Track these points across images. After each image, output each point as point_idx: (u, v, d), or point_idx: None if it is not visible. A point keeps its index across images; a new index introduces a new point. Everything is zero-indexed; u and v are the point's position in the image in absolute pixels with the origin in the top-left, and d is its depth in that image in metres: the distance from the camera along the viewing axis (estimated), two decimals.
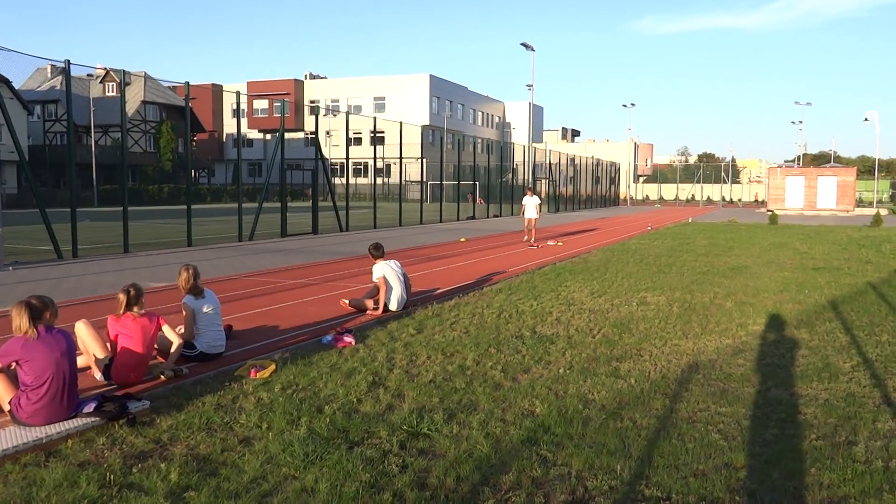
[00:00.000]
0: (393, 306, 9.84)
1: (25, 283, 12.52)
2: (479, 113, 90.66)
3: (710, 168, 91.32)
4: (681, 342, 8.07)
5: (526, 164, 48.86)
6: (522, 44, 49.84)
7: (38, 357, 4.98)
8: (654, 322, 9.22)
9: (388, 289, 9.79)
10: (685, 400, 5.89)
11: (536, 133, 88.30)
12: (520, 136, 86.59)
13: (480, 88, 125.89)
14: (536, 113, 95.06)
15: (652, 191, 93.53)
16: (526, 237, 23.01)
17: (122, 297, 6.26)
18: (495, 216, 40.97)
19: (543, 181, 54.89)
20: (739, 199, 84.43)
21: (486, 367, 6.91)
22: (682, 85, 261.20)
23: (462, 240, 23.54)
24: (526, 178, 48.84)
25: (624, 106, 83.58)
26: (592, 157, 64.53)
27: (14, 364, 5.00)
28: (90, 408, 5.09)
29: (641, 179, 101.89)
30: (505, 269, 15.23)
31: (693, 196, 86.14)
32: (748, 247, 21.01)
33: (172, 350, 6.49)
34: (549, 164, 52.56)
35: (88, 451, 4.71)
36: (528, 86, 52.66)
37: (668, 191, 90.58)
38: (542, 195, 54.97)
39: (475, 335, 8.30)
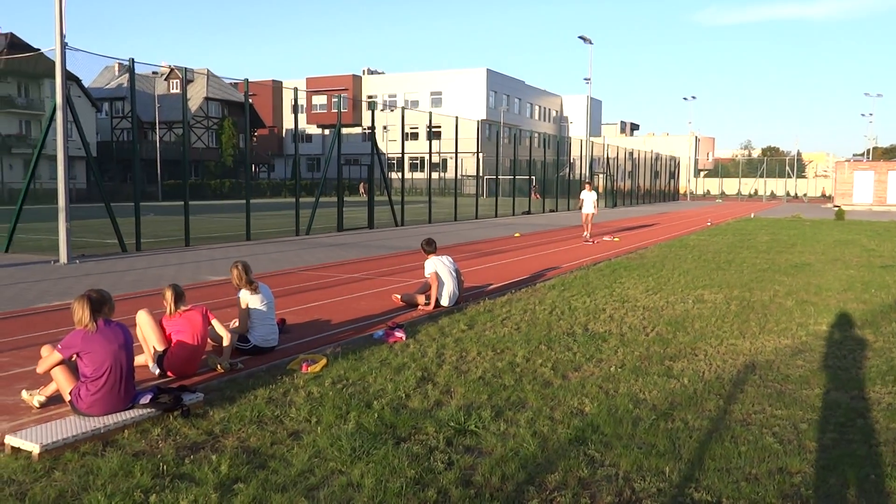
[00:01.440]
0: (444, 302, 9.86)
1: (90, 275, 12.96)
2: (537, 107, 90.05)
3: (775, 162, 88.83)
4: (737, 342, 7.87)
5: (583, 158, 48.33)
6: (580, 37, 49.29)
7: (97, 349, 5.13)
8: (710, 320, 9.01)
9: (440, 284, 9.81)
10: (740, 401, 5.74)
11: (594, 127, 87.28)
12: (577, 131, 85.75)
13: (538, 82, 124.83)
14: (594, 107, 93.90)
15: (713, 185, 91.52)
16: (585, 233, 22.60)
17: (171, 296, 6.51)
18: (551, 211, 40.67)
19: (601, 176, 54.24)
20: (805, 195, 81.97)
21: (536, 364, 6.86)
22: (746, 77, 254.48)
23: (516, 235, 23.43)
24: (583, 172, 48.32)
25: (684, 99, 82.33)
26: (651, 152, 63.46)
27: (75, 356, 5.17)
28: (146, 399, 5.23)
29: (702, 174, 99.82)
30: (559, 264, 15.11)
31: (756, 191, 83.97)
32: (812, 243, 20.38)
33: (225, 344, 6.64)
34: (607, 158, 51.89)
35: (143, 441, 4.85)
36: (585, 79, 52.03)
37: (730, 185, 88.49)
38: (600, 190, 54.34)
39: (526, 332, 8.25)
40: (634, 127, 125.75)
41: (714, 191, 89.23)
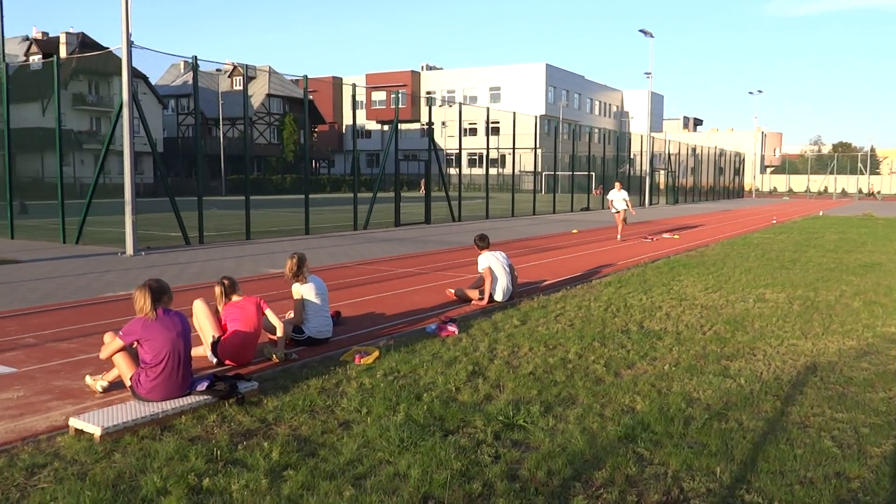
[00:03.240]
0: (498, 297, 9.84)
1: (155, 267, 13.36)
2: (597, 102, 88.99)
3: (846, 158, 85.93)
4: (799, 342, 7.65)
5: (643, 154, 47.58)
6: (641, 30, 48.49)
7: (156, 337, 5.30)
8: (771, 320, 8.78)
9: (494, 279, 9.80)
10: (798, 403, 5.58)
11: (656, 122, 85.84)
12: (638, 126, 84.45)
13: (598, 77, 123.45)
14: (656, 101, 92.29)
15: (780, 182, 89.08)
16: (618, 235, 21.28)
17: (218, 290, 6.78)
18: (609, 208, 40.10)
19: (662, 172, 53.32)
20: (878, 192, 79.03)
21: (588, 360, 6.80)
22: (815, 70, 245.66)
23: (574, 231, 23.22)
24: (643, 168, 47.58)
25: (750, 93, 79.95)
26: (715, 147, 62.06)
27: (135, 343, 5.35)
28: (203, 386, 5.38)
29: (769, 170, 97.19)
30: (616, 261, 14.92)
31: (826, 188, 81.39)
32: (884, 242, 19.65)
33: (278, 335, 6.77)
34: (668, 154, 50.97)
35: (199, 427, 4.98)
36: (646, 73, 51.18)
37: (798, 182, 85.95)
38: (661, 186, 53.41)
39: (580, 328, 8.18)
40: (698, 122, 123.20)
41: (781, 188, 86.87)
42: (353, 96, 24.02)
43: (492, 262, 9.86)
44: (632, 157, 48.95)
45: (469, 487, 4.03)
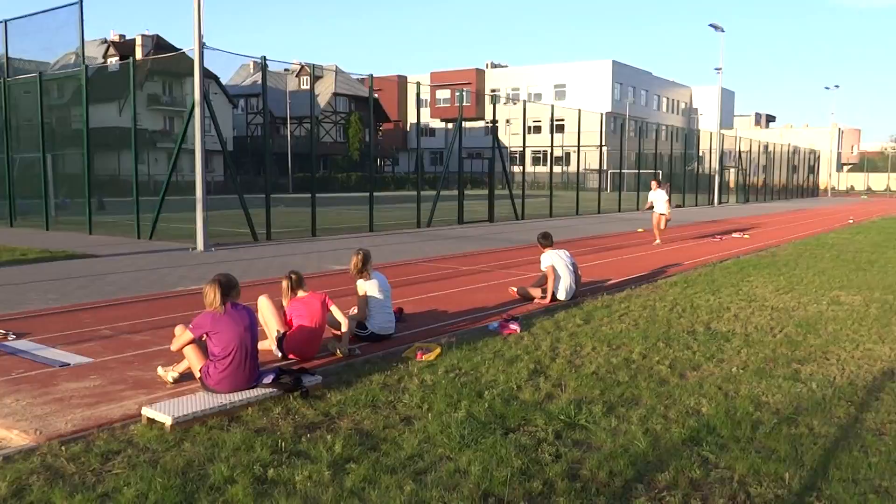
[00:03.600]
0: (561, 296, 9.76)
1: (224, 262, 13.72)
2: (664, 99, 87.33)
3: None
4: (875, 346, 7.36)
5: (713, 151, 46.48)
6: (711, 25, 47.38)
7: (225, 330, 5.45)
8: (845, 323, 8.48)
9: (557, 278, 9.73)
10: (874, 409, 5.38)
11: (726, 119, 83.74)
12: (708, 123, 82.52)
13: (666, 73, 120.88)
14: (726, 98, 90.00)
15: (858, 181, 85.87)
16: (656, 241, 18.36)
17: (286, 284, 6.89)
18: (677, 206, 39.34)
19: (732, 170, 52.01)
20: None
21: (652, 361, 6.69)
22: None
23: (640, 230, 22.85)
24: (712, 166, 46.48)
25: (826, 88, 77.43)
26: (789, 145, 60.21)
27: (205, 336, 5.51)
28: (269, 379, 5.51)
29: (846, 168, 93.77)
30: (683, 261, 14.62)
31: None
32: None
33: (343, 330, 6.86)
34: (739, 151, 49.66)
35: (265, 418, 5.10)
36: (716, 69, 49.97)
37: (878, 181, 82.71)
38: (731, 185, 52.11)
39: (644, 328, 8.06)
40: (770, 118, 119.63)
41: (859, 186, 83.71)
42: (418, 95, 24.19)
43: (555, 260, 9.79)
44: (700, 154, 47.89)
45: (529, 486, 4.02)
